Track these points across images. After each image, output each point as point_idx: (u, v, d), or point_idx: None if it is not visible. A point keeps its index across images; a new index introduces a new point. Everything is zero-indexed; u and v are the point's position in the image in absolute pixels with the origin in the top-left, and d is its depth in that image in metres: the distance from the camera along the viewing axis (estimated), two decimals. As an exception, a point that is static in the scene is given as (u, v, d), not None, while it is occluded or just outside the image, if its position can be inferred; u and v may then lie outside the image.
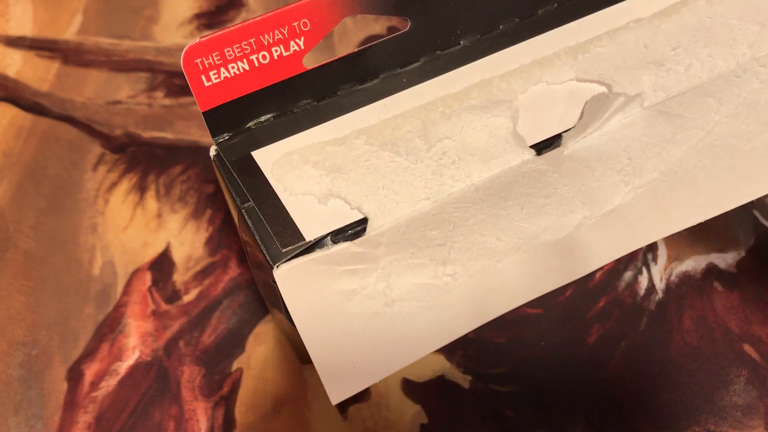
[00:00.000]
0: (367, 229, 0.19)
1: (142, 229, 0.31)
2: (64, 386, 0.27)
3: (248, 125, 0.21)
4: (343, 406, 0.27)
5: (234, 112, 0.21)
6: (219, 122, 0.21)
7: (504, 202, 0.19)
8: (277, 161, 0.20)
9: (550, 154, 0.20)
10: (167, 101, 0.35)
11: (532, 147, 0.20)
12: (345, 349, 0.18)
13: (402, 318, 0.18)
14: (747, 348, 0.28)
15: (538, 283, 0.19)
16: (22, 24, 0.37)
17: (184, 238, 0.31)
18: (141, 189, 0.32)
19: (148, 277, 0.30)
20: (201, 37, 0.19)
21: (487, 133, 0.21)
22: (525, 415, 0.27)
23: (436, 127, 0.21)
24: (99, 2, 0.38)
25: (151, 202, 0.32)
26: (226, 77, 0.20)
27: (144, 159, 0.33)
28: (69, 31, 0.37)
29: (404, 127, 0.21)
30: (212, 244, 0.31)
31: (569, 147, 0.20)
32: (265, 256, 0.19)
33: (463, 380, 0.27)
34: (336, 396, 0.18)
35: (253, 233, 0.19)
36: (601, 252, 0.19)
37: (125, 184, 0.32)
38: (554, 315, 0.29)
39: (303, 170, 0.20)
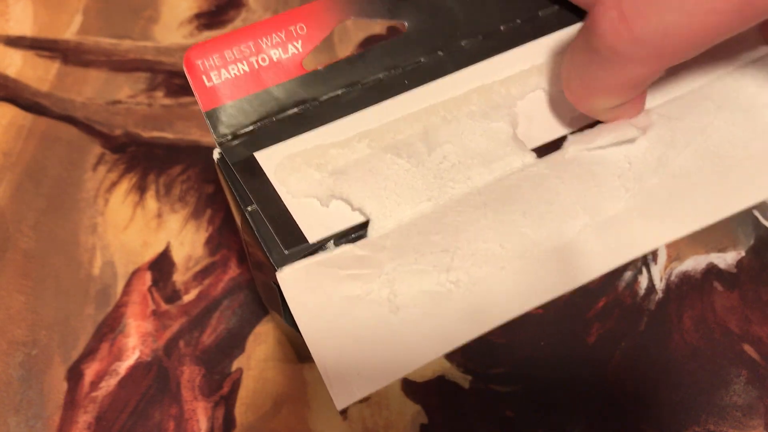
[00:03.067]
0: (369, 229, 0.19)
1: (142, 229, 0.31)
2: (64, 386, 0.27)
3: (250, 126, 0.21)
4: (343, 406, 0.27)
5: (236, 112, 0.21)
6: (221, 122, 0.21)
7: (506, 207, 0.19)
8: (280, 163, 0.20)
9: (552, 158, 0.20)
10: (167, 101, 0.35)
11: (533, 150, 0.20)
12: (349, 355, 0.18)
13: (406, 325, 0.18)
14: (747, 348, 0.28)
15: (539, 292, 0.19)
16: (22, 24, 0.37)
17: (184, 238, 0.31)
18: (141, 189, 0.32)
19: (148, 277, 0.30)
20: (201, 41, 0.19)
21: (487, 138, 0.21)
22: (525, 415, 0.27)
23: (437, 132, 0.21)
24: (99, 2, 0.38)
25: (151, 202, 0.32)
26: (227, 78, 0.20)
27: (144, 159, 0.33)
28: (69, 30, 0.37)
29: (406, 131, 0.21)
30: (212, 244, 0.31)
31: (570, 151, 0.20)
32: (269, 259, 0.19)
33: (463, 380, 0.27)
34: (341, 401, 0.18)
35: (257, 236, 0.19)
36: (601, 260, 0.19)
37: (125, 184, 0.32)
38: (554, 315, 0.29)
39: (306, 173, 0.20)
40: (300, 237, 0.19)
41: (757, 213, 0.31)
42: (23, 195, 0.32)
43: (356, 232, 0.19)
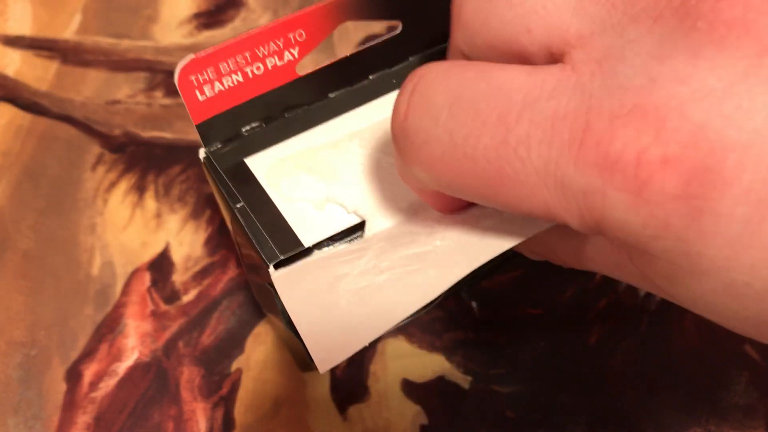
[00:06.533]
0: (366, 230, 0.19)
1: (141, 229, 0.31)
2: (63, 387, 0.27)
3: (240, 132, 0.21)
4: (343, 407, 0.27)
5: (226, 121, 0.21)
6: (211, 132, 0.21)
7: None
8: (271, 167, 0.20)
9: None
10: (166, 101, 0.35)
11: None
12: (333, 321, 0.18)
13: (390, 283, 0.18)
14: (748, 348, 0.28)
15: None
16: (21, 23, 0.37)
17: (184, 239, 0.31)
18: (140, 189, 0.32)
19: (147, 278, 0.30)
20: (197, 54, 0.19)
21: None
22: (525, 416, 0.26)
23: None
24: (98, 2, 0.38)
25: (150, 202, 0.32)
26: (220, 90, 0.20)
27: (143, 159, 0.33)
28: (68, 30, 0.37)
29: None
30: (211, 245, 0.31)
31: None
32: (262, 258, 0.18)
33: (464, 381, 0.27)
34: (323, 365, 0.17)
35: (248, 235, 0.19)
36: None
37: (124, 184, 0.32)
38: (554, 315, 0.28)
39: (297, 176, 0.20)
40: (295, 241, 0.19)
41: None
42: (22, 195, 0.32)
43: (352, 234, 0.19)
